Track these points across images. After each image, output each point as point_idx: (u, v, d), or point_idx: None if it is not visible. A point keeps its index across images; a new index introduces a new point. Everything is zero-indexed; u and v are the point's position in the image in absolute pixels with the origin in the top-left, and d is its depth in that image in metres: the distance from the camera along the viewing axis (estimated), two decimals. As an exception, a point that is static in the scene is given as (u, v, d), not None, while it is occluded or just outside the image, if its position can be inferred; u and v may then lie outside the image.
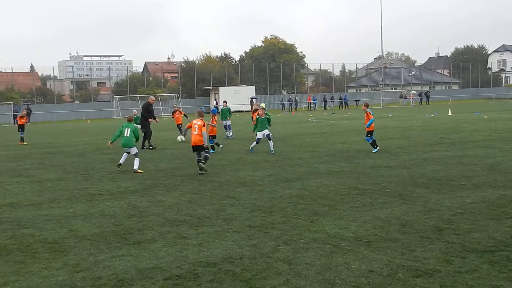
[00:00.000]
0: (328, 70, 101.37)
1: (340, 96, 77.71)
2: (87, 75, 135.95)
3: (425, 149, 19.32)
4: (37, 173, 16.77)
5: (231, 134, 27.73)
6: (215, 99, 74.02)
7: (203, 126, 15.23)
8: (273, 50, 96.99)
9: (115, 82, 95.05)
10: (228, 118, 27.67)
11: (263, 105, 23.22)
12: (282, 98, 76.09)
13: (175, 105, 31.17)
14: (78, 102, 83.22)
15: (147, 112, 24.05)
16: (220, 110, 28.33)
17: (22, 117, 30.51)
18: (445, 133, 25.83)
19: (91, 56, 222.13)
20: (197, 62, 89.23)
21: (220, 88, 74.64)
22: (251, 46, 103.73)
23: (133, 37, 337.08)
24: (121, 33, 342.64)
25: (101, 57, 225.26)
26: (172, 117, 29.44)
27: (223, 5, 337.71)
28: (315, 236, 8.25)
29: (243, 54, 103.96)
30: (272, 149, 19.88)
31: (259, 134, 20.32)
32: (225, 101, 30.05)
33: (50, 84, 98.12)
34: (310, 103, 75.38)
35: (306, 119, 46.39)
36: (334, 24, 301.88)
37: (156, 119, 24.60)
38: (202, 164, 15.07)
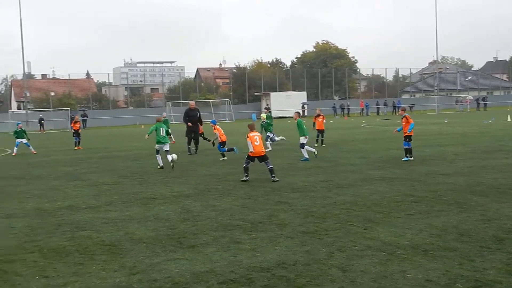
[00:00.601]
0: (381, 75, 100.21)
1: (393, 102, 76.52)
2: (140, 81, 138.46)
3: (483, 156, 18.83)
4: (94, 177, 17.16)
5: (276, 138, 27.26)
6: (267, 104, 74.19)
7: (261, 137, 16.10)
8: (324, 55, 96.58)
9: (168, 88, 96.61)
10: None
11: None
12: (334, 104, 75.57)
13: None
14: (132, 107, 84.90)
15: (187, 117, 24.37)
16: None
17: (75, 122, 31.17)
18: (504, 140, 25.08)
19: (144, 62, 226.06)
20: (248, 68, 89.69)
21: (272, 94, 74.72)
22: (303, 52, 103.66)
23: (186, 43, 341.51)
24: (174, 40, 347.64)
25: (154, 64, 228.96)
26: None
27: (275, 11, 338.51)
28: (370, 243, 8.14)
29: (295, 60, 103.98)
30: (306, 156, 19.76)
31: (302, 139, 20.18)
32: (266, 107, 29.91)
33: (105, 90, 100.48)
34: (363, 108, 74.64)
35: (359, 125, 45.96)
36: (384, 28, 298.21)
37: (200, 125, 24.42)
38: (276, 179, 14.97)
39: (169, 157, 18.21)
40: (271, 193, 12.78)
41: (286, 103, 71.15)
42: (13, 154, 27.15)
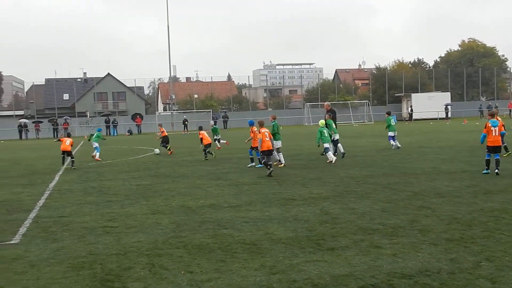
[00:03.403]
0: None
1: (549, 102, 71.07)
2: (279, 83, 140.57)
3: None
4: (234, 176, 17.63)
5: (394, 144, 26.12)
6: (411, 106, 72.19)
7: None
8: (471, 54, 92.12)
9: (306, 89, 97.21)
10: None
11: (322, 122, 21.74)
12: (480, 105, 71.86)
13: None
14: (271, 109, 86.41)
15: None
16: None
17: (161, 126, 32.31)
18: None
19: (283, 64, 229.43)
20: (389, 68, 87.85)
21: (413, 95, 72.71)
22: (447, 51, 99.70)
23: (325, 45, 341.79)
24: (313, 42, 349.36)
25: (293, 66, 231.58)
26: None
27: (416, 10, 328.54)
28: (522, 254, 7.60)
29: (438, 59, 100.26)
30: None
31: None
32: (388, 112, 28.59)
33: (245, 92, 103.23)
34: (511, 110, 70.16)
35: (507, 127, 43.21)
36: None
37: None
38: (272, 174, 17.19)
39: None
40: (413, 198, 12.37)
41: (428, 104, 68.88)
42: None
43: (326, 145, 20.93)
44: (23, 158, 30.51)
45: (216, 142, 30.71)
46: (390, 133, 26.28)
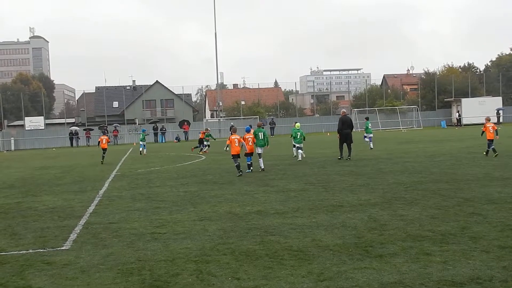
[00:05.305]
0: None
1: None
2: (326, 89, 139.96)
3: None
4: (281, 183, 17.60)
5: (368, 142, 32.07)
6: (458, 111, 70.87)
7: (241, 139, 20.98)
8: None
9: (354, 95, 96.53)
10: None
11: (298, 124, 26.40)
12: (533, 109, 70.02)
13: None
14: (318, 115, 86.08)
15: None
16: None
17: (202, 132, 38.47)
18: None
19: (330, 70, 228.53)
20: (438, 73, 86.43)
21: (463, 100, 71.29)
22: (498, 54, 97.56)
23: (372, 50, 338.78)
24: (360, 47, 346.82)
25: (340, 71, 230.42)
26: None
27: (465, 13, 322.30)
28: None
29: (489, 63, 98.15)
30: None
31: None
32: (367, 117, 32.55)
33: (292, 99, 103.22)
34: None
35: None
36: None
37: (338, 135, 25.95)
38: (241, 173, 20.17)
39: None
40: (463, 204, 12.10)
41: (479, 109, 67.45)
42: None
43: (298, 145, 25.73)
44: (74, 165, 31.25)
45: (206, 146, 37.68)
46: (366, 135, 32.40)
